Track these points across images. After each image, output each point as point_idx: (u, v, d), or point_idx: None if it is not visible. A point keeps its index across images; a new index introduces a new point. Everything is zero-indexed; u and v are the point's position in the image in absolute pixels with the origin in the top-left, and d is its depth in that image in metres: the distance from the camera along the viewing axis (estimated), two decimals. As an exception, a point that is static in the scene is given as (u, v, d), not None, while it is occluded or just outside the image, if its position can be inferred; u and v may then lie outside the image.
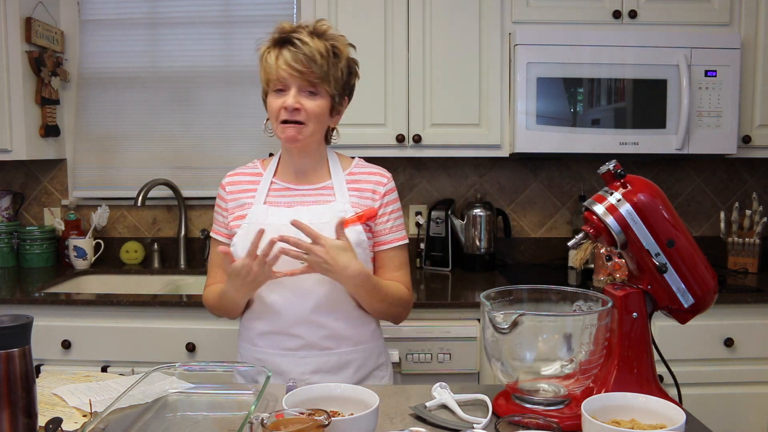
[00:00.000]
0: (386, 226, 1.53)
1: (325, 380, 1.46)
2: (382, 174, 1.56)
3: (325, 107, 1.45)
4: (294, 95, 1.42)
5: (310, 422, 0.95)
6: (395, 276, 1.54)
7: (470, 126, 2.44)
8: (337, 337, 1.48)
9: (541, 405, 1.16)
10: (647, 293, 1.20)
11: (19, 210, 2.91)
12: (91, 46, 2.85)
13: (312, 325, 1.46)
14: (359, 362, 1.51)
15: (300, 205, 1.50)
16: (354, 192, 1.51)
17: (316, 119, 1.44)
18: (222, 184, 1.59)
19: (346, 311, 1.49)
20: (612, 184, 1.20)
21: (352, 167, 1.56)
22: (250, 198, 1.53)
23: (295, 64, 1.39)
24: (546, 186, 2.85)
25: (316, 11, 2.39)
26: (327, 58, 1.41)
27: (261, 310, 1.49)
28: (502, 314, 1.12)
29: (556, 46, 2.33)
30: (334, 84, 1.44)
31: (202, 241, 2.82)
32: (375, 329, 1.57)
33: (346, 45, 1.48)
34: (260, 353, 1.51)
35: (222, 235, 1.57)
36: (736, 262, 2.63)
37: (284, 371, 1.48)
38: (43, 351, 2.17)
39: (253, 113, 2.83)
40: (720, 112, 2.37)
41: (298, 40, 1.40)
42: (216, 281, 1.57)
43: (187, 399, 1.31)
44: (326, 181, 1.53)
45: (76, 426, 1.14)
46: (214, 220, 1.60)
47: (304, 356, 1.47)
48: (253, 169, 1.60)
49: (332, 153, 1.58)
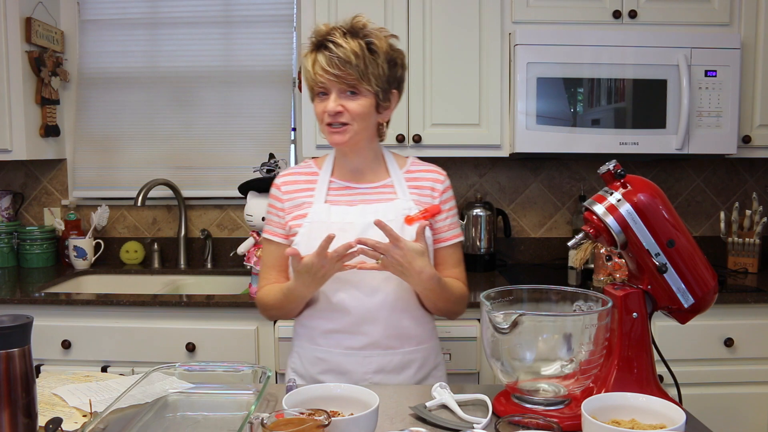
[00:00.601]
0: (445, 223, 1.54)
1: (387, 380, 1.46)
2: (439, 172, 1.57)
3: (369, 105, 1.43)
4: (335, 99, 1.41)
5: (310, 422, 0.95)
6: (454, 273, 1.55)
7: (470, 126, 2.44)
8: (401, 336, 1.48)
9: (541, 405, 1.17)
10: (647, 293, 1.20)
11: (19, 210, 2.91)
12: (91, 46, 2.85)
13: (379, 323, 1.45)
14: (420, 362, 1.51)
15: (362, 203, 1.49)
16: (414, 190, 1.52)
17: (360, 119, 1.43)
18: (276, 184, 1.56)
19: (411, 309, 1.49)
20: (612, 184, 1.20)
21: (408, 165, 1.56)
22: (308, 197, 1.51)
23: (330, 68, 1.38)
24: (546, 186, 2.85)
25: (316, 11, 2.39)
26: (363, 57, 1.38)
27: (326, 308, 1.48)
28: (502, 314, 1.12)
29: (556, 46, 2.33)
30: (375, 81, 1.41)
31: (202, 241, 2.82)
32: (433, 328, 1.57)
33: (384, 38, 1.44)
34: (322, 352, 1.49)
35: (277, 235, 1.54)
36: (736, 262, 2.63)
37: (347, 371, 1.47)
38: (43, 351, 2.17)
39: (253, 113, 2.83)
40: (720, 112, 2.37)
41: (332, 43, 1.39)
42: (270, 282, 1.55)
43: (187, 399, 1.31)
44: (385, 179, 1.53)
45: (76, 426, 1.14)
46: (267, 221, 1.57)
47: (368, 355, 1.46)
48: (308, 169, 1.57)
49: (388, 152, 1.57)
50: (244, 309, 2.17)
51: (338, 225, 1.44)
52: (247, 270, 2.41)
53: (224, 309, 2.17)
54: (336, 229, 1.42)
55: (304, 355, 1.53)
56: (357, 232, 1.42)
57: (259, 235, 2.31)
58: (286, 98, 2.84)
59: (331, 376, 1.48)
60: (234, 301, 2.18)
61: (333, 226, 1.43)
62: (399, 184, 1.51)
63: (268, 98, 2.83)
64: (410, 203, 1.49)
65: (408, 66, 2.40)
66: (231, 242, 2.81)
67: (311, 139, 2.44)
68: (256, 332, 2.17)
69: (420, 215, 1.46)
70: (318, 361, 1.50)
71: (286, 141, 2.84)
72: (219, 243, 2.84)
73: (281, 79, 2.82)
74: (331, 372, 1.48)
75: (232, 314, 2.18)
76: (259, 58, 2.82)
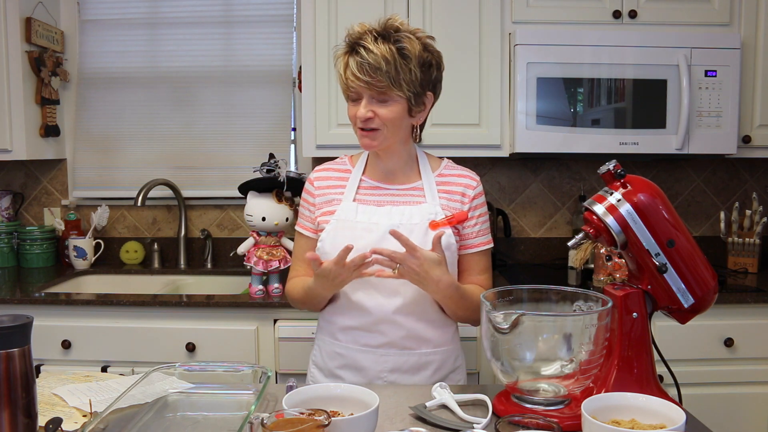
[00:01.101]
0: (474, 230, 1.52)
1: (402, 380, 1.47)
2: (472, 177, 1.55)
3: (400, 111, 1.42)
4: (365, 104, 1.40)
5: (310, 422, 0.95)
6: (479, 279, 1.54)
7: (470, 126, 2.44)
8: (418, 338, 1.47)
9: (541, 405, 1.17)
10: (647, 293, 1.20)
11: (19, 210, 2.91)
12: (91, 46, 2.85)
13: (395, 324, 1.45)
14: (437, 364, 1.50)
15: (390, 204, 1.49)
16: (444, 194, 1.51)
17: (391, 124, 1.42)
18: (310, 179, 1.57)
19: (429, 313, 1.48)
20: (612, 184, 1.21)
21: (441, 168, 1.55)
22: (338, 194, 1.52)
23: (361, 75, 1.36)
24: (546, 186, 2.85)
25: (316, 11, 2.39)
26: (393, 62, 1.36)
27: (346, 306, 1.49)
28: (502, 314, 1.12)
29: (556, 46, 2.33)
30: (407, 86, 1.38)
31: (202, 241, 2.82)
32: (455, 332, 1.57)
33: (417, 40, 1.40)
34: (341, 348, 1.50)
35: (308, 230, 1.56)
36: (736, 262, 2.63)
37: (364, 368, 1.48)
38: (43, 351, 2.17)
39: (253, 113, 2.83)
40: (720, 112, 2.37)
41: (363, 48, 1.37)
42: (299, 274, 1.58)
43: (187, 399, 1.31)
44: (416, 182, 1.52)
45: (76, 426, 1.14)
46: (300, 215, 1.59)
47: (384, 354, 1.47)
48: (342, 165, 1.58)
49: (422, 153, 1.57)
50: (244, 309, 2.17)
51: (363, 225, 1.45)
52: (247, 270, 2.41)
53: (224, 309, 2.17)
54: (361, 228, 1.43)
55: (324, 348, 1.54)
56: (381, 233, 1.42)
57: (259, 235, 2.31)
58: (286, 98, 2.84)
59: (348, 371, 1.49)
60: (234, 301, 2.18)
61: (358, 226, 1.44)
62: (429, 188, 1.51)
63: (268, 98, 2.83)
64: (437, 208, 1.48)
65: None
66: (231, 242, 2.81)
67: (311, 139, 2.44)
68: (256, 332, 2.17)
69: (445, 221, 1.46)
70: (336, 356, 1.51)
71: (286, 141, 2.84)
72: (219, 243, 2.84)
73: (281, 79, 2.82)
74: (348, 368, 1.49)
75: (232, 314, 2.18)
76: (259, 58, 2.82)
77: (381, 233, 1.43)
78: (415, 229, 1.43)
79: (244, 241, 2.37)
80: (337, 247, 1.39)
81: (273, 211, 2.28)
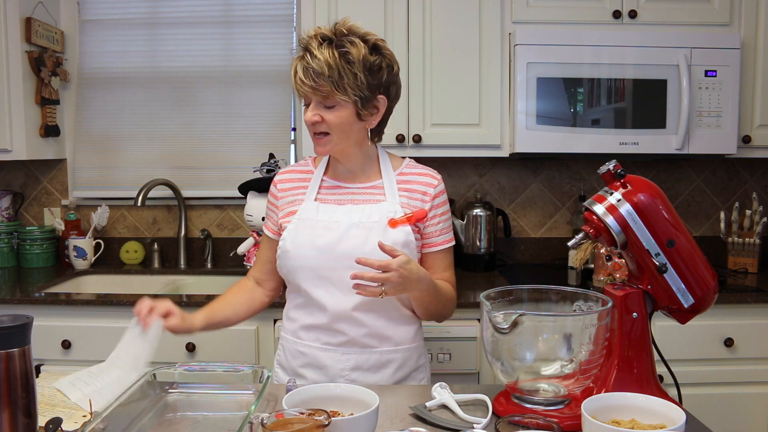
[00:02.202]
0: (436, 228, 1.53)
1: (364, 378, 1.47)
2: (433, 176, 1.55)
3: (347, 116, 1.41)
4: (312, 109, 1.42)
5: (310, 422, 0.95)
6: (444, 276, 1.55)
7: (470, 126, 2.44)
8: (378, 335, 1.48)
9: (541, 405, 1.17)
10: (647, 293, 1.20)
11: (19, 210, 2.91)
12: (91, 46, 2.85)
13: (354, 322, 1.46)
14: (399, 362, 1.51)
15: (350, 203, 1.50)
16: (404, 192, 1.51)
17: (338, 129, 1.42)
18: (274, 181, 1.59)
19: (388, 311, 1.49)
20: (612, 184, 1.21)
21: (402, 167, 1.56)
22: (300, 195, 1.54)
23: (306, 80, 1.38)
24: (546, 186, 2.85)
25: (316, 11, 2.39)
26: (336, 68, 1.36)
27: (306, 304, 1.50)
28: (502, 314, 1.12)
29: (556, 46, 2.33)
30: (352, 91, 1.38)
31: (202, 241, 2.82)
32: (417, 330, 1.57)
33: (362, 45, 1.39)
34: (303, 346, 1.51)
35: (272, 231, 1.59)
36: (736, 262, 2.63)
37: (325, 366, 1.48)
38: (43, 351, 2.16)
39: (253, 113, 2.83)
40: (720, 112, 2.37)
41: (308, 53, 1.38)
42: (254, 273, 1.65)
43: (187, 399, 1.31)
44: (376, 181, 1.53)
45: (76, 426, 1.14)
46: (266, 216, 1.63)
47: (346, 352, 1.47)
48: (304, 167, 1.60)
49: (384, 152, 1.58)
50: (244, 309, 2.17)
51: (324, 223, 1.46)
52: (247, 270, 2.41)
53: (224, 309, 2.17)
54: (321, 227, 1.45)
55: (288, 347, 1.56)
56: (341, 232, 1.44)
57: (259, 235, 2.31)
58: (286, 98, 2.84)
59: (310, 370, 1.50)
60: (234, 301, 2.18)
61: (319, 224, 1.46)
62: (389, 186, 1.51)
63: (268, 98, 2.83)
64: (397, 206, 1.48)
65: (408, 66, 2.41)
66: (231, 242, 2.80)
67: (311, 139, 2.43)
68: (256, 332, 2.17)
69: (404, 219, 1.46)
70: (299, 354, 1.52)
71: (286, 141, 2.84)
72: (219, 243, 2.84)
73: (281, 79, 2.82)
74: (310, 366, 1.50)
75: (232, 314, 2.17)
76: (259, 58, 2.82)
77: (341, 232, 1.44)
78: (374, 227, 1.44)
79: (244, 241, 2.37)
80: (299, 245, 1.44)
81: (273, 211, 2.27)
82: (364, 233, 1.43)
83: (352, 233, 1.43)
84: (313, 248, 1.45)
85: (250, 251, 2.30)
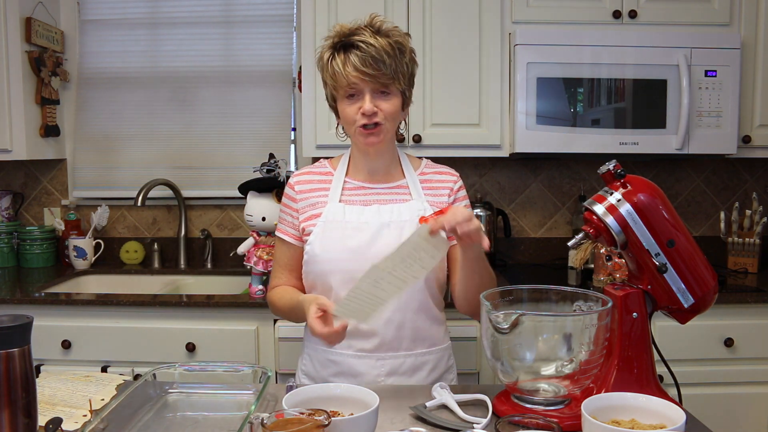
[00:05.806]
0: None
1: (399, 383, 1.45)
2: (451, 173, 1.57)
3: (399, 105, 1.43)
4: (369, 99, 1.39)
5: (310, 422, 0.95)
6: None
7: (470, 126, 2.44)
8: (415, 337, 1.46)
9: (541, 405, 1.17)
10: (647, 293, 1.20)
11: (19, 210, 2.91)
12: (91, 46, 2.85)
13: (392, 323, 1.43)
14: (433, 364, 1.50)
15: (377, 203, 1.49)
16: (428, 191, 1.52)
17: (392, 118, 1.43)
18: (290, 183, 1.54)
19: (426, 309, 1.47)
20: (612, 184, 1.21)
21: (422, 167, 1.56)
22: (322, 197, 1.50)
23: (365, 68, 1.36)
24: (546, 186, 2.85)
25: (316, 11, 2.39)
26: (394, 55, 1.38)
27: None
28: (502, 314, 1.12)
29: (556, 46, 2.33)
30: (403, 80, 1.41)
31: (202, 241, 2.82)
32: (446, 330, 1.56)
33: (405, 36, 1.44)
34: (334, 354, 1.46)
35: (289, 235, 1.53)
36: (736, 262, 2.63)
37: (360, 373, 1.45)
38: (43, 351, 2.17)
39: (253, 113, 2.83)
40: (720, 112, 2.37)
41: (362, 42, 1.37)
42: (282, 282, 1.55)
43: (187, 399, 1.31)
44: (400, 180, 1.53)
45: (76, 426, 1.14)
46: (280, 220, 1.55)
47: (381, 358, 1.44)
48: (322, 168, 1.56)
49: (402, 153, 1.58)
50: (244, 309, 2.17)
51: (353, 224, 1.44)
52: (247, 270, 2.41)
53: (224, 309, 2.17)
54: (351, 228, 1.43)
55: (316, 357, 1.51)
56: (372, 232, 1.42)
57: (259, 235, 2.31)
58: (286, 98, 2.84)
59: (343, 378, 1.45)
60: (234, 301, 2.18)
61: (348, 225, 1.44)
62: (414, 186, 1.51)
63: (268, 98, 2.83)
64: (425, 204, 1.48)
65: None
66: (231, 242, 2.80)
67: (311, 139, 2.44)
68: (256, 332, 2.17)
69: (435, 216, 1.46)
70: (330, 363, 1.48)
71: (286, 141, 2.84)
72: (219, 243, 2.84)
73: (281, 79, 2.82)
74: (342, 374, 1.46)
75: (232, 314, 2.18)
76: (259, 58, 2.82)
77: (372, 232, 1.43)
78: (405, 226, 1.43)
79: (244, 241, 2.37)
80: (328, 248, 1.40)
81: (273, 211, 2.28)
82: (396, 233, 1.41)
83: (384, 233, 1.42)
84: (345, 250, 1.42)
85: (250, 251, 2.30)
